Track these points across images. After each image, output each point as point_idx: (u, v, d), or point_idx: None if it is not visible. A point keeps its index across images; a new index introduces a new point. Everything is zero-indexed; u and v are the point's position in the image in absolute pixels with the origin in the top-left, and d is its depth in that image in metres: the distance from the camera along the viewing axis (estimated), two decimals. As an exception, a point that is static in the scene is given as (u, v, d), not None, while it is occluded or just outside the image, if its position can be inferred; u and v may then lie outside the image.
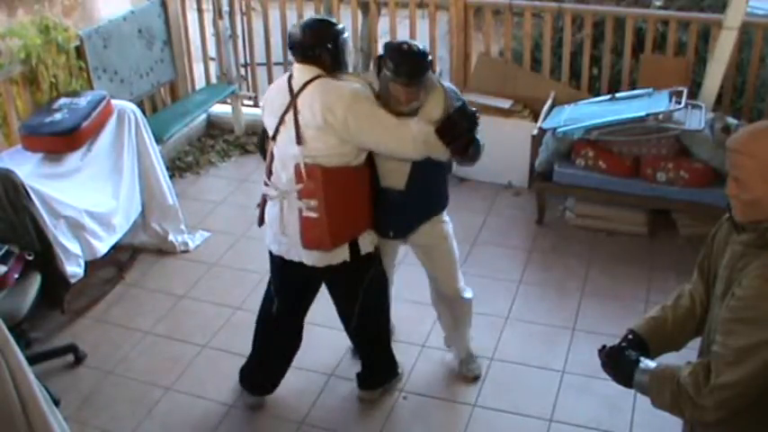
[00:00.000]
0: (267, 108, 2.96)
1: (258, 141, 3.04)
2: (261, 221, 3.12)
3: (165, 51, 5.30)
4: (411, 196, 2.99)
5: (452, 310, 3.35)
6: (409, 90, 2.80)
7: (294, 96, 2.81)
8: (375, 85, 2.89)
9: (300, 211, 2.86)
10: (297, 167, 2.83)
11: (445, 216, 3.22)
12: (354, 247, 2.97)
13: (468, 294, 3.35)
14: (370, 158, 2.93)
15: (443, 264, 3.25)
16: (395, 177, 2.96)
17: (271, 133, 2.92)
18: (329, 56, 2.82)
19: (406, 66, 2.78)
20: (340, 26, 2.88)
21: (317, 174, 2.79)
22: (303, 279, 3.12)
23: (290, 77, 2.88)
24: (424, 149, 2.83)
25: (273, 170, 2.96)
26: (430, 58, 2.87)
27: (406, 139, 2.80)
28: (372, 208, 2.98)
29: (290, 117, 2.83)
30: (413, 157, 2.87)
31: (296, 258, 2.98)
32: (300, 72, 2.85)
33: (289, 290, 3.19)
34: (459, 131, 2.79)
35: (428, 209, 3.14)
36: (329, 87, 2.80)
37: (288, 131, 2.84)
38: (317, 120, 2.76)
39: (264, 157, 3.04)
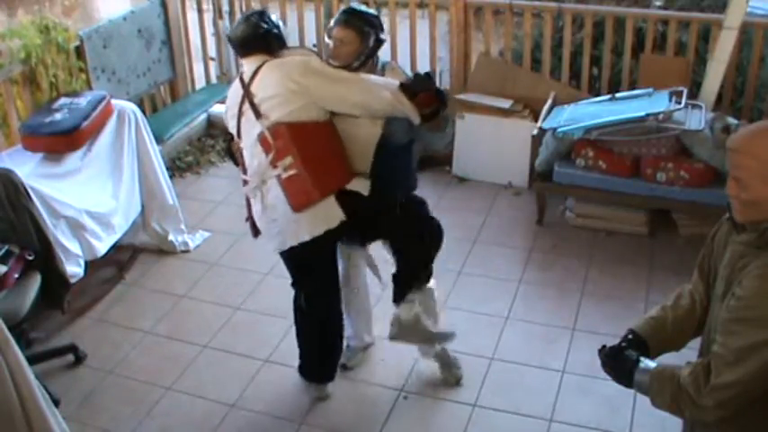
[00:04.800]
0: (228, 113, 3.08)
1: (225, 148, 3.15)
2: (255, 232, 3.15)
3: (164, 51, 5.30)
4: (377, 180, 3.00)
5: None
6: (345, 33, 2.94)
7: (247, 85, 2.92)
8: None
9: (279, 177, 2.89)
10: (262, 138, 2.88)
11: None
12: (354, 195, 2.96)
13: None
14: None
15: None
16: (359, 162, 2.99)
17: (235, 132, 3.02)
18: (276, 39, 3.00)
19: (348, 9, 3.06)
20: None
21: (283, 130, 2.86)
22: (327, 253, 3.13)
23: (240, 75, 3.01)
24: (391, 100, 2.86)
25: (248, 165, 3.02)
26: (375, 14, 3.06)
27: (371, 89, 2.88)
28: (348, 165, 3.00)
29: (246, 106, 2.92)
30: (382, 108, 2.89)
31: (295, 242, 2.96)
32: (249, 64, 2.98)
33: (303, 275, 3.18)
34: (422, 85, 2.88)
35: (393, 193, 3.12)
36: (280, 62, 2.95)
37: (248, 118, 2.93)
38: (278, 89, 2.85)
39: (235, 162, 3.14)
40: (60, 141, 3.88)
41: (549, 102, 4.77)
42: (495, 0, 5.06)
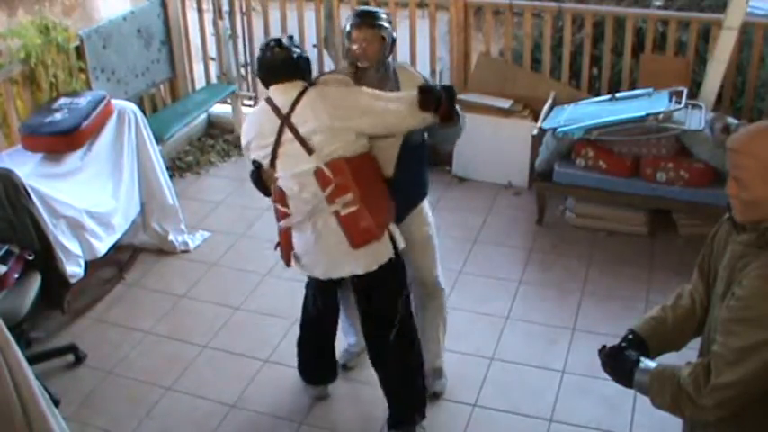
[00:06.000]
0: (256, 142, 2.90)
1: (252, 177, 2.96)
2: (289, 261, 3.02)
3: (163, 51, 5.30)
4: (399, 183, 2.98)
5: (430, 299, 3.33)
6: (366, 33, 2.91)
7: (286, 116, 2.79)
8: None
9: (337, 213, 2.80)
10: (319, 173, 2.77)
11: (426, 203, 3.24)
12: (393, 243, 2.95)
13: (443, 285, 3.34)
14: None
15: (426, 251, 3.24)
16: (383, 166, 2.97)
17: (266, 163, 2.87)
18: (307, 64, 2.90)
19: (360, 11, 3.03)
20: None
21: (343, 166, 2.77)
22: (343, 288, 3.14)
23: (269, 103, 2.85)
24: (425, 116, 2.82)
25: (291, 197, 2.87)
26: (389, 16, 3.05)
27: (405, 105, 2.80)
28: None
29: (287, 137, 2.79)
30: (416, 123, 2.84)
31: (346, 273, 2.92)
32: (284, 91, 2.84)
33: (329, 299, 3.21)
34: (436, 94, 2.79)
35: (414, 196, 3.15)
36: (325, 92, 2.82)
37: (291, 151, 2.80)
38: (326, 122, 2.75)
39: (266, 192, 2.98)
40: (60, 141, 3.88)
41: (549, 102, 4.77)
42: (495, 0, 5.07)
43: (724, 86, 4.55)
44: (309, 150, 2.77)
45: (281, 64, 2.84)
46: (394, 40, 3.04)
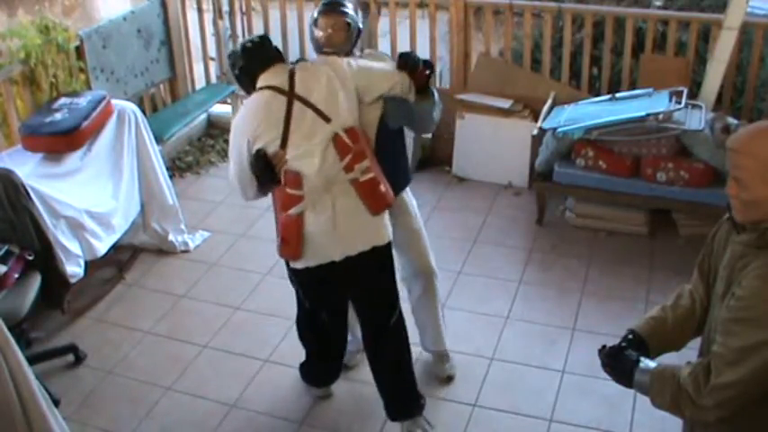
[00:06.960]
0: (264, 126, 2.81)
1: (258, 166, 2.80)
2: (297, 253, 2.90)
3: (162, 51, 5.31)
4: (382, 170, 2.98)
5: (428, 286, 3.33)
6: (332, 19, 3.00)
7: (291, 91, 2.82)
8: None
9: (356, 181, 2.81)
10: (338, 139, 2.79)
11: (409, 192, 3.26)
12: None
13: (437, 271, 3.36)
14: None
15: (415, 239, 3.26)
16: None
17: (276, 145, 2.79)
18: (280, 51, 3.00)
19: (323, 2, 3.08)
20: None
21: (358, 133, 2.84)
22: (351, 277, 3.02)
23: (269, 87, 2.84)
24: (405, 78, 2.96)
25: (308, 173, 2.79)
26: (355, 8, 3.14)
27: (385, 66, 2.96)
28: None
29: (299, 109, 2.80)
30: (396, 81, 2.95)
31: (366, 246, 2.90)
32: (275, 73, 2.87)
33: (333, 295, 3.15)
34: (413, 62, 2.97)
35: (395, 184, 3.08)
36: (314, 65, 2.95)
37: (305, 122, 2.79)
38: (328, 89, 2.81)
39: (271, 179, 2.83)
40: (60, 141, 3.88)
41: (549, 102, 4.77)
42: (495, 0, 5.07)
43: (724, 86, 4.55)
44: (326, 118, 2.80)
45: (262, 48, 2.91)
46: (359, 30, 3.10)
